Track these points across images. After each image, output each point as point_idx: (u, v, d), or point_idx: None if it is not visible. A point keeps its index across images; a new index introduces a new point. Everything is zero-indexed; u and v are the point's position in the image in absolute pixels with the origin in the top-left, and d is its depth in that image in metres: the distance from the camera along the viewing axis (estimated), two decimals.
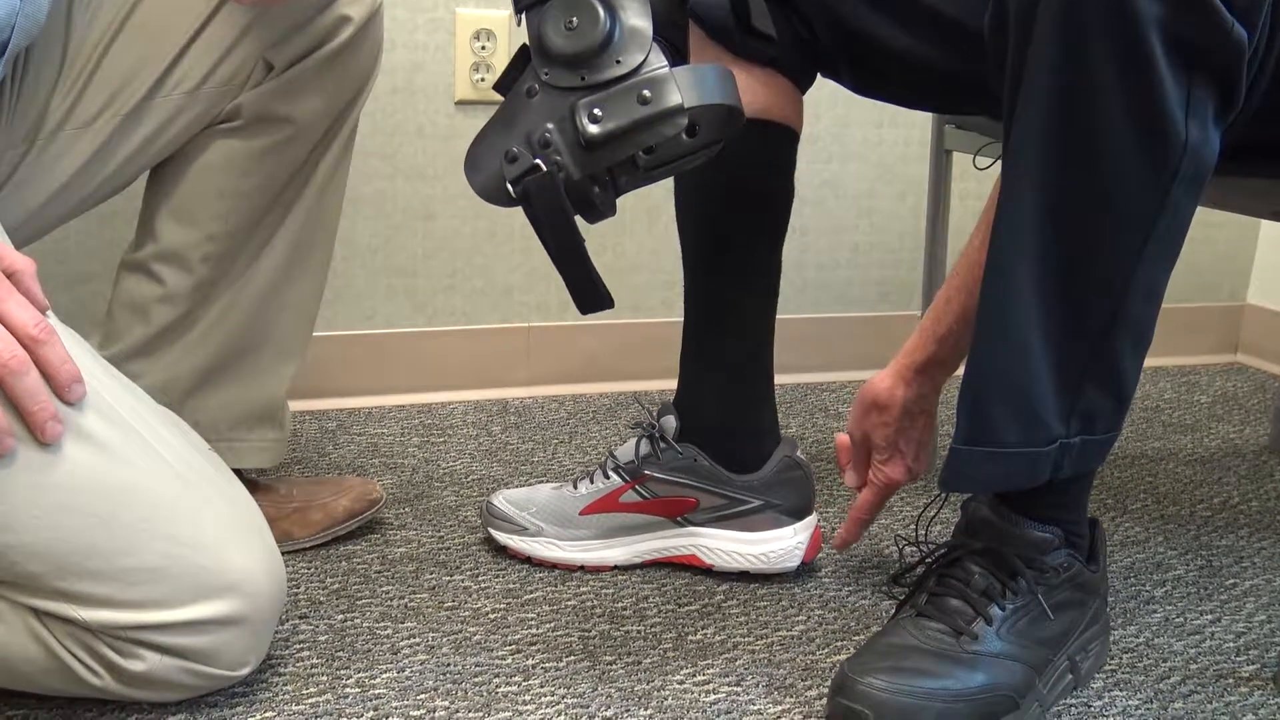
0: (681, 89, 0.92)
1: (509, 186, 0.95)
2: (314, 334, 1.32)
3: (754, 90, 1.22)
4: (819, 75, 1.28)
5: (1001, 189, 0.93)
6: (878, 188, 1.97)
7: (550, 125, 0.94)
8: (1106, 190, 0.89)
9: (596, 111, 0.93)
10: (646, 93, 0.92)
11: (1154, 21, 0.83)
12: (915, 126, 1.93)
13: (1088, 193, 0.89)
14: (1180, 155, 0.87)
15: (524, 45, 0.99)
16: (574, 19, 0.94)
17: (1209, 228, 2.14)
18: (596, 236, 1.86)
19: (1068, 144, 0.89)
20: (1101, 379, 0.96)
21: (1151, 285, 0.93)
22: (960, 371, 1.03)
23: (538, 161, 0.94)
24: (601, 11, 0.93)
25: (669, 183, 1.27)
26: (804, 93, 1.26)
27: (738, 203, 1.25)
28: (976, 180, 1.86)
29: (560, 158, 0.94)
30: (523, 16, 0.96)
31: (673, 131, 0.93)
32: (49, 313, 0.93)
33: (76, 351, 0.93)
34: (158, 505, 0.94)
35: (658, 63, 0.93)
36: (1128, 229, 0.90)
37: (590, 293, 0.97)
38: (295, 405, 1.65)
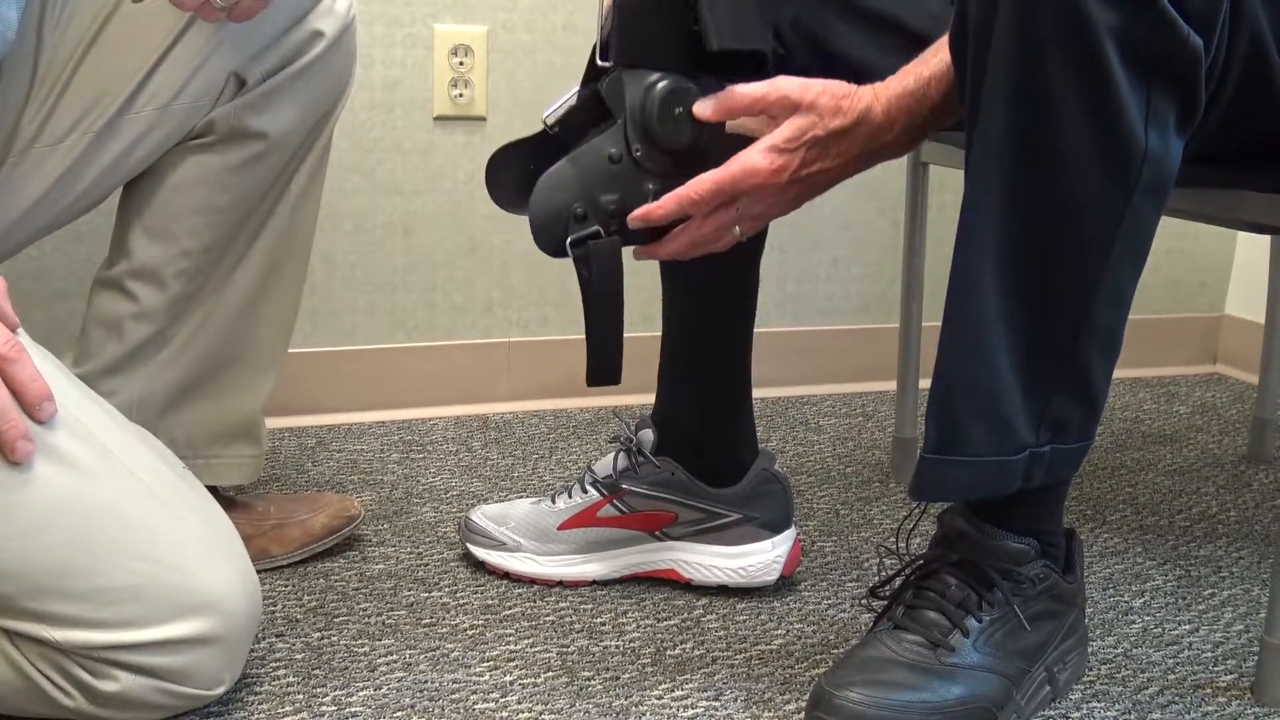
0: None
1: (568, 241, 0.99)
2: (293, 350, 1.32)
3: None
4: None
5: (965, 199, 0.94)
6: (856, 201, 1.98)
7: (618, 196, 0.99)
8: (1068, 199, 0.89)
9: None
10: None
11: (1109, 30, 0.83)
12: None
13: (1049, 202, 0.90)
14: (1141, 163, 0.88)
15: (597, 90, 1.02)
16: (681, 109, 1.00)
17: (1187, 239, 2.15)
18: None
19: (1028, 154, 0.89)
20: (1070, 387, 0.96)
21: (1118, 293, 0.94)
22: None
23: (599, 229, 0.99)
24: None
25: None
26: None
27: None
28: (954, 192, 1.86)
29: (620, 230, 1.00)
30: (619, 70, 1.00)
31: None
32: (20, 330, 0.92)
33: (48, 369, 0.92)
34: (130, 524, 0.93)
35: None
36: (1090, 238, 0.91)
37: (607, 366, 1.03)
38: (274, 422, 1.65)
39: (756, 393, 1.31)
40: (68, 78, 1.11)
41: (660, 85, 0.99)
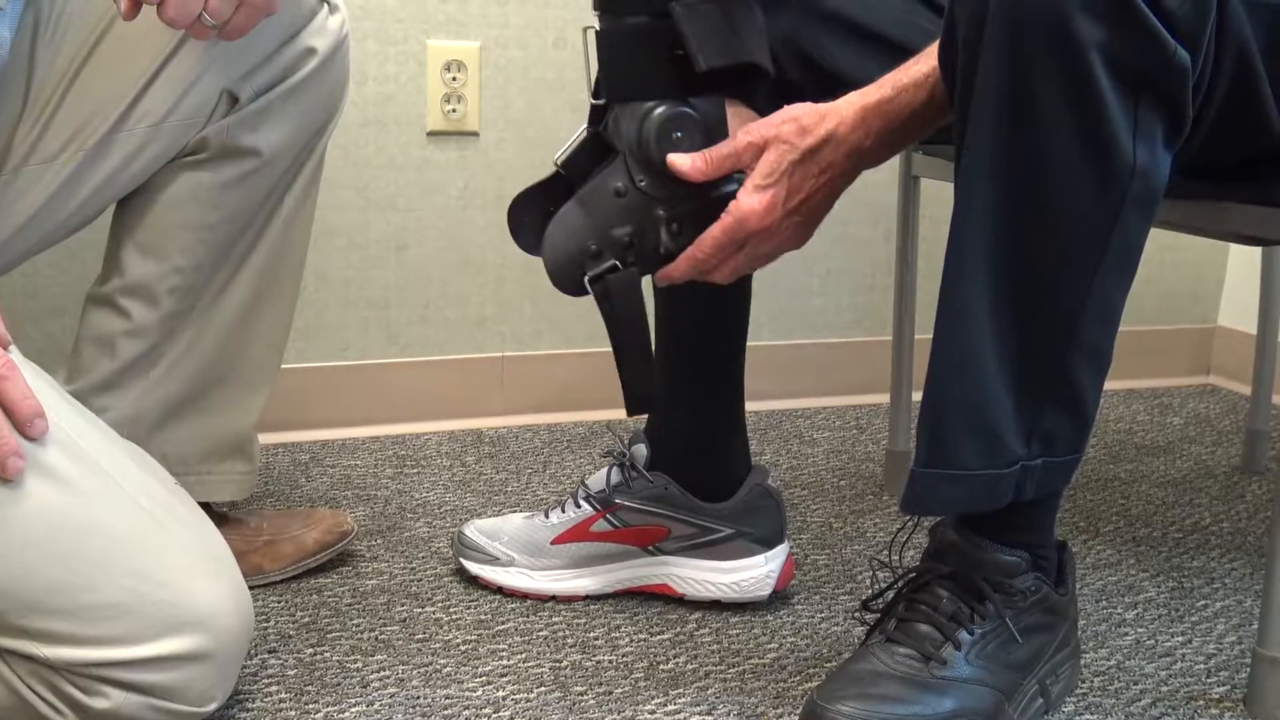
0: None
1: (585, 278, 1.01)
2: (286, 366, 1.32)
3: None
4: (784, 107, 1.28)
5: (954, 212, 0.94)
6: (849, 214, 1.98)
7: (630, 229, 1.01)
8: (1056, 213, 0.90)
9: (674, 226, 1.01)
10: (720, 212, 1.00)
11: (1096, 46, 0.84)
12: None
13: (1038, 216, 0.90)
14: (1129, 178, 0.88)
15: (597, 134, 1.04)
16: (680, 133, 1.00)
17: (1179, 251, 2.15)
18: None
19: (1016, 169, 0.89)
20: (1060, 400, 0.96)
21: (1107, 307, 0.94)
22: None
23: (616, 263, 1.01)
24: (701, 131, 1.00)
25: None
26: None
27: None
28: (945, 205, 1.87)
29: (635, 261, 1.01)
30: (614, 110, 1.01)
31: None
32: (12, 347, 0.93)
33: (40, 386, 0.92)
34: (122, 540, 0.93)
35: (730, 184, 1.01)
36: (1079, 251, 0.91)
37: (644, 393, 1.04)
38: (268, 438, 1.65)
39: (750, 406, 1.31)
40: (60, 96, 1.11)
41: (655, 114, 1.00)
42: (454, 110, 1.75)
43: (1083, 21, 0.83)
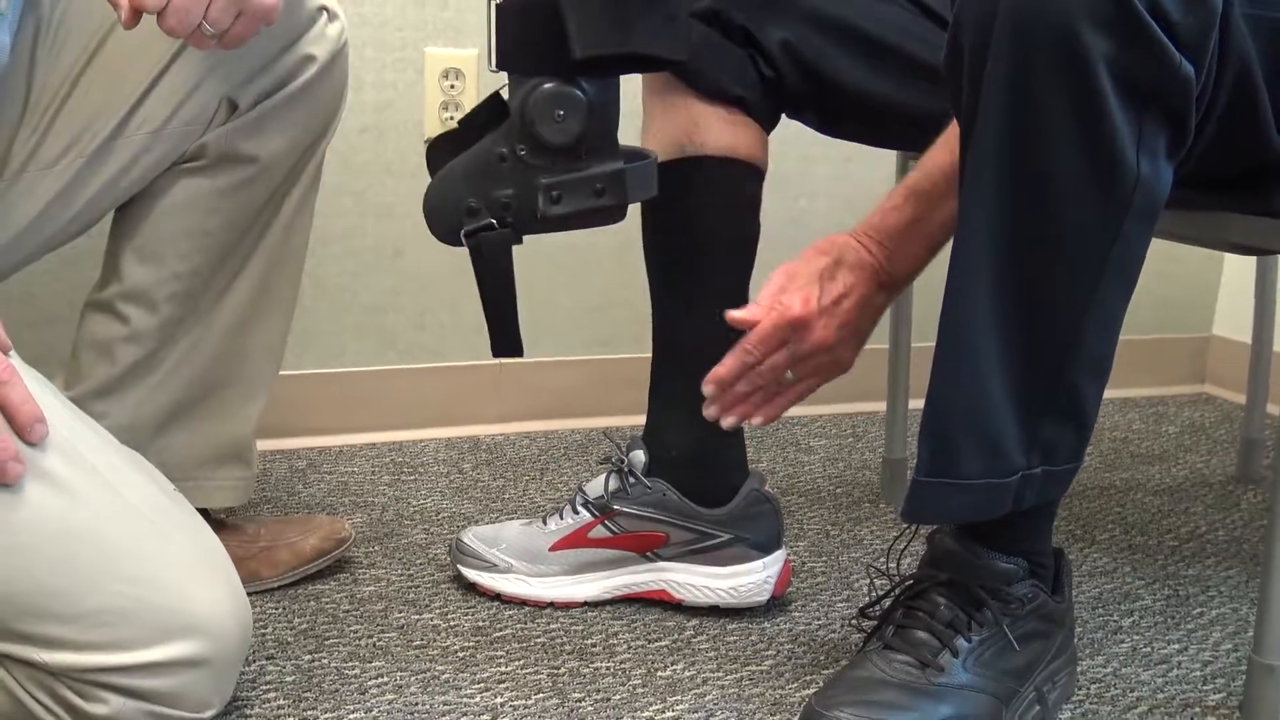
0: (629, 188, 1.04)
1: (463, 233, 1.04)
2: (283, 372, 1.32)
3: (720, 129, 1.23)
4: (784, 115, 1.29)
5: (958, 222, 0.94)
6: (846, 223, 1.97)
7: (511, 192, 1.02)
8: (1059, 224, 0.90)
9: (555, 194, 1.02)
10: (600, 186, 1.03)
11: (1102, 58, 0.84)
12: (882, 162, 1.94)
13: (1041, 227, 0.91)
14: (1132, 190, 0.88)
15: (499, 94, 1.05)
16: (562, 112, 1.01)
17: (1174, 260, 2.15)
18: (567, 272, 1.88)
19: (1020, 179, 0.90)
20: (1061, 410, 0.96)
21: (1108, 317, 0.94)
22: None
23: (493, 221, 1.03)
24: (585, 112, 1.01)
25: (638, 219, 1.28)
26: (769, 132, 1.27)
27: (705, 240, 1.26)
28: None
29: (513, 222, 1.03)
30: (508, 81, 1.03)
31: (609, 220, 1.05)
32: (11, 353, 0.93)
33: (39, 391, 0.92)
34: (120, 546, 0.93)
35: (614, 162, 1.03)
36: (1081, 263, 0.91)
37: (509, 341, 1.08)
38: (265, 445, 1.65)
39: None
40: (60, 102, 1.11)
41: (540, 90, 1.00)
42: (452, 117, 1.75)
43: (1089, 34, 0.83)
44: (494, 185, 1.02)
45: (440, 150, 1.08)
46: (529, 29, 0.99)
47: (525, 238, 1.05)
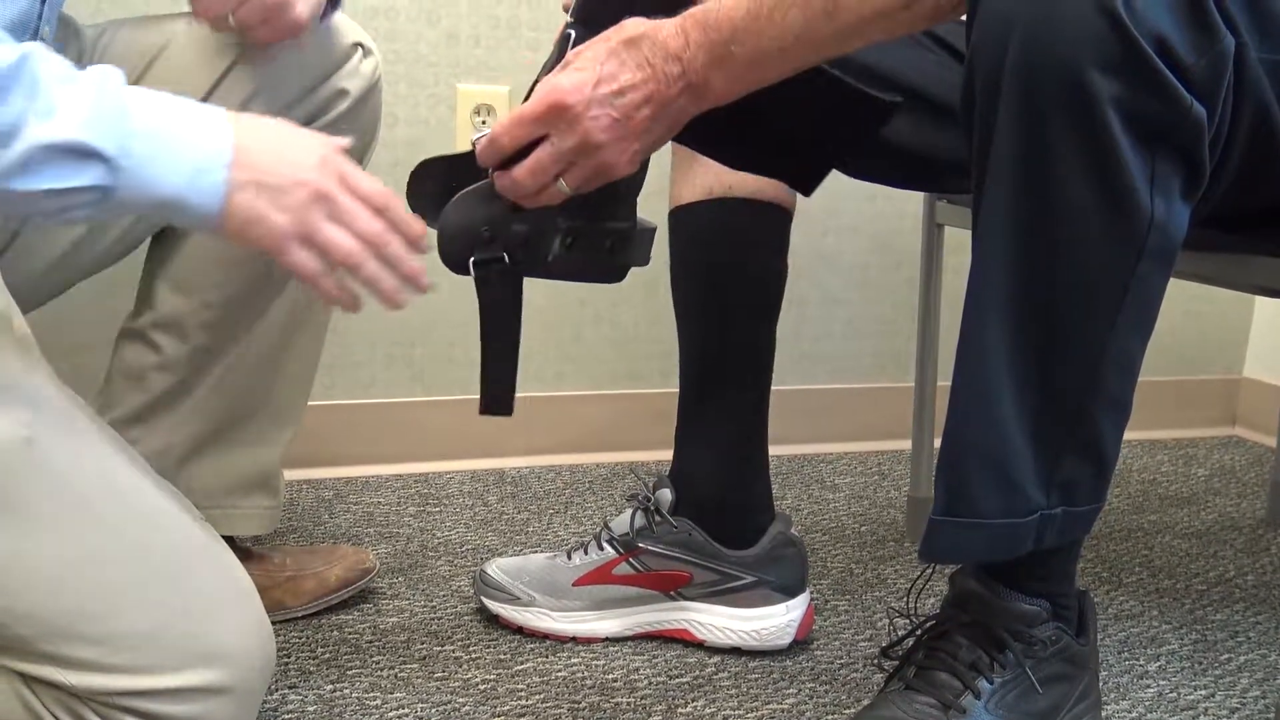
0: (635, 250, 1.06)
1: (471, 260, 1.02)
2: (312, 403, 1.33)
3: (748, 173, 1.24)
4: None
5: (973, 264, 0.95)
6: (872, 260, 1.99)
7: (527, 229, 1.02)
8: (1074, 265, 0.90)
9: (569, 240, 1.03)
10: (610, 243, 1.05)
11: (1111, 100, 0.84)
12: (909, 199, 1.95)
13: (1056, 268, 0.90)
14: (1146, 231, 0.88)
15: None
16: None
17: (1204, 301, 2.15)
18: (595, 308, 1.89)
19: (1033, 221, 0.90)
20: (1080, 450, 0.96)
21: (1126, 357, 0.94)
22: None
23: (503, 255, 1.02)
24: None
25: (666, 255, 1.29)
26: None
27: (732, 281, 1.27)
28: (969, 254, 1.87)
29: (521, 260, 1.03)
30: None
31: (608, 279, 1.08)
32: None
33: (74, 413, 0.93)
34: (149, 571, 0.94)
35: (625, 221, 1.04)
36: (1097, 303, 0.91)
37: (501, 394, 1.07)
38: (292, 474, 1.66)
39: (772, 450, 1.31)
40: None
41: None
42: None
43: (1097, 76, 0.84)
44: (513, 218, 1.01)
45: (435, 171, 1.07)
46: None
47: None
